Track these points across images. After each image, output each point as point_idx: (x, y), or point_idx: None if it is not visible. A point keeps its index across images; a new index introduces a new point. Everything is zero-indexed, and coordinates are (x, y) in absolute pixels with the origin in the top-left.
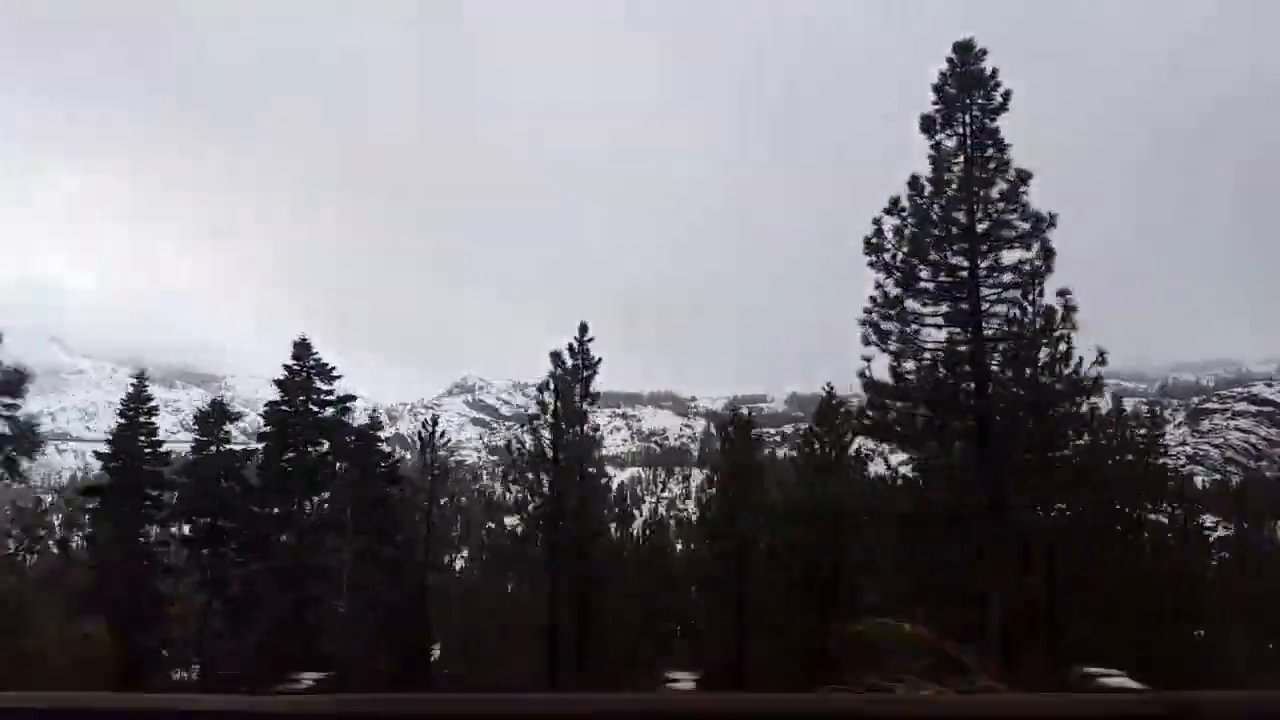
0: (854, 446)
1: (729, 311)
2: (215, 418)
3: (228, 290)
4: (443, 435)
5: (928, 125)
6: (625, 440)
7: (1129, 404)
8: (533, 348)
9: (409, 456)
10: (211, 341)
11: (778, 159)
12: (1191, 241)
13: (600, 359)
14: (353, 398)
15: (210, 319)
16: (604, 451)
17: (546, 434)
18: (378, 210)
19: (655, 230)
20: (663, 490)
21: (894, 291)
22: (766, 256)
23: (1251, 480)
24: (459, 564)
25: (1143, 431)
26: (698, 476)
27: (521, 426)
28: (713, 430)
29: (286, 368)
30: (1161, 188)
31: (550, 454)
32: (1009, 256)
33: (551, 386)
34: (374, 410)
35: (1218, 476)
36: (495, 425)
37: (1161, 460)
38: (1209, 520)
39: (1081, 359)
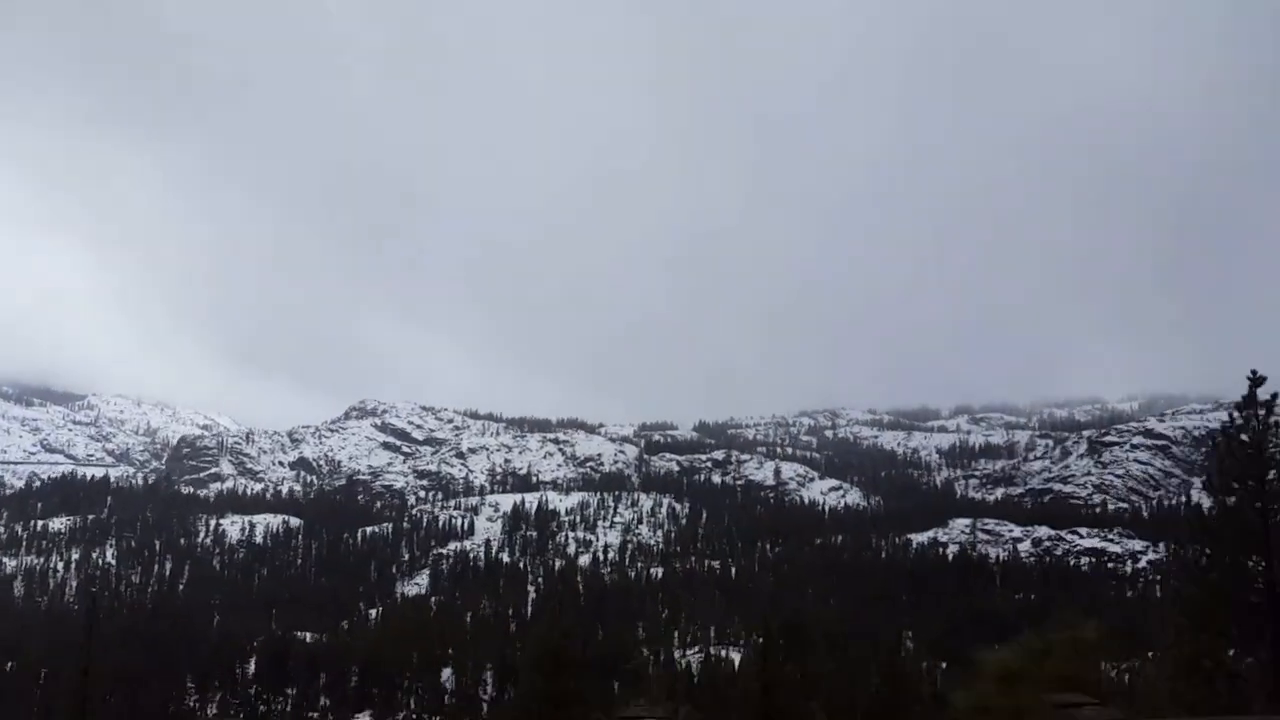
0: None
1: (628, 337)
2: None
3: (107, 304)
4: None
5: None
6: (560, 465)
7: (1020, 436)
8: (432, 370)
9: (317, 483)
10: (79, 358)
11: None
12: (1046, 281)
13: None
14: None
15: (82, 334)
16: (541, 477)
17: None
18: (275, 222)
19: (555, 256)
20: (614, 516)
21: None
22: (668, 283)
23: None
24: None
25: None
26: (646, 502)
27: (434, 451)
28: (646, 456)
29: None
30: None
31: None
32: None
33: None
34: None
35: (1123, 505)
36: (408, 449)
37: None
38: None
39: None
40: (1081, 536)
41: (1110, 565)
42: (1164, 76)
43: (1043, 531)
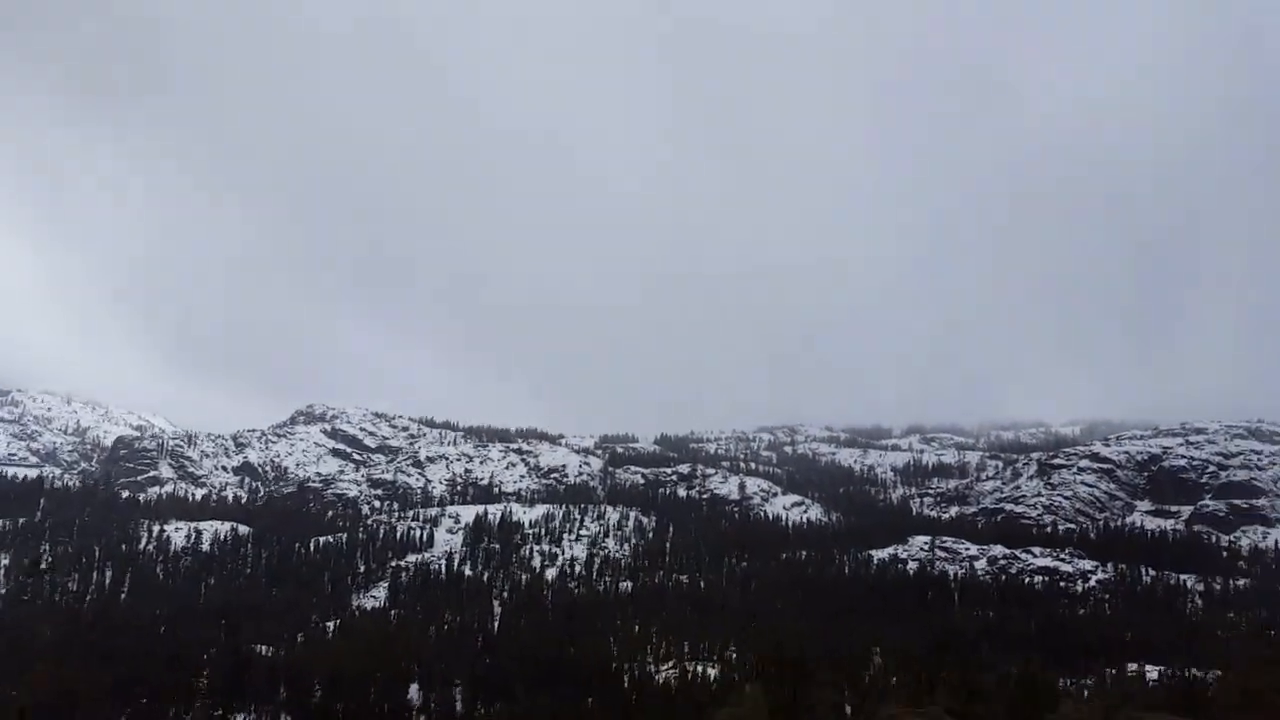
0: None
1: (587, 347)
2: None
3: (40, 297)
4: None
5: None
6: (523, 476)
7: (971, 457)
8: (383, 376)
9: (262, 489)
10: (4, 353)
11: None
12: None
13: None
14: None
15: (9, 327)
16: (504, 488)
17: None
18: (228, 220)
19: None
20: (580, 529)
21: None
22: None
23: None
24: None
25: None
26: (613, 515)
27: (389, 459)
28: (611, 469)
29: None
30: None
31: None
32: None
33: None
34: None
35: (1071, 526)
36: (360, 457)
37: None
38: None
39: None
40: (1035, 555)
41: (1062, 584)
42: (1122, 114)
43: (998, 550)
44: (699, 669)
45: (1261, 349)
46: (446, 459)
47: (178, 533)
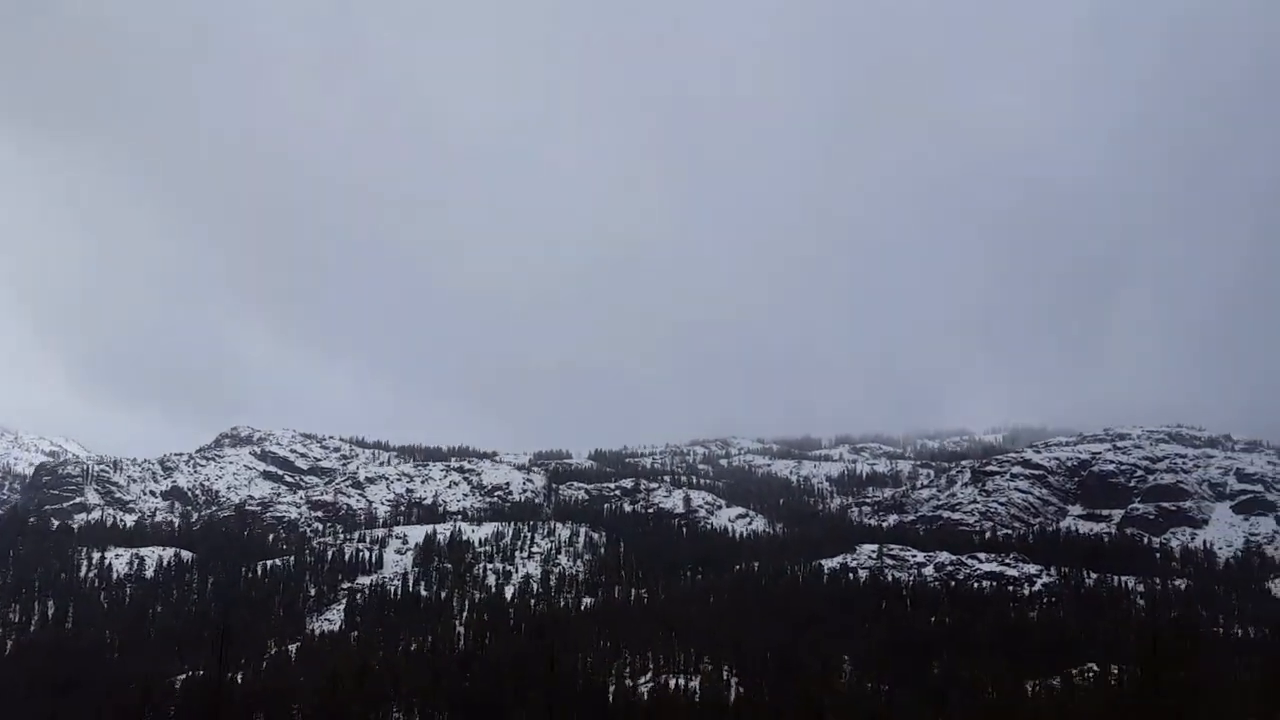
0: None
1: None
2: None
3: None
4: None
5: None
6: (467, 495)
7: (903, 466)
8: (302, 396)
9: (195, 514)
10: None
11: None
12: (918, 319)
13: None
14: None
15: None
16: (448, 507)
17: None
18: (146, 237)
19: (434, 276)
20: (532, 546)
21: None
22: (551, 310)
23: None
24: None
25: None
26: (563, 531)
27: (326, 481)
28: (554, 485)
29: None
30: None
31: None
32: None
33: None
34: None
35: (1007, 531)
36: (292, 479)
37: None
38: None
39: None
40: (980, 561)
41: (1010, 588)
42: (1053, 123)
43: (944, 556)
44: (680, 682)
45: (1180, 355)
46: (387, 479)
47: (118, 559)
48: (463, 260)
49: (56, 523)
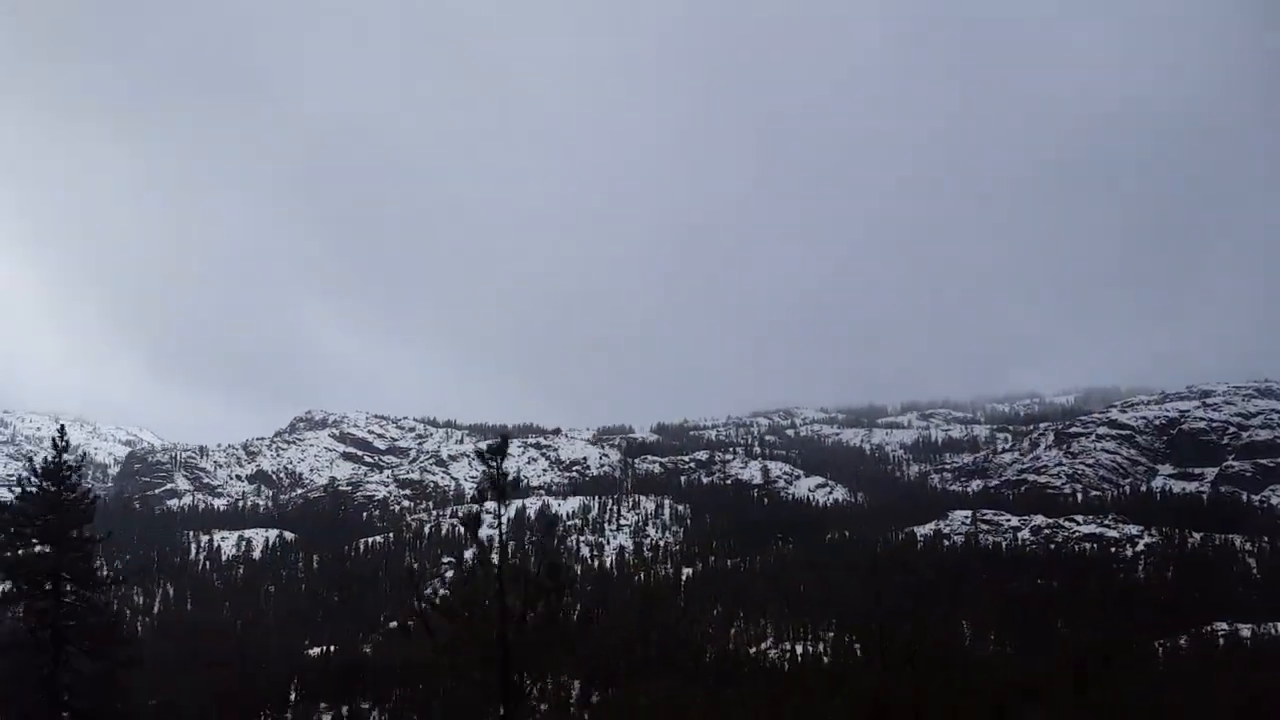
0: None
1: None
2: None
3: (20, 311)
4: None
5: None
6: (546, 470)
7: (979, 431)
8: (369, 378)
9: (281, 496)
10: None
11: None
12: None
13: None
14: None
15: (1, 347)
16: (530, 483)
17: None
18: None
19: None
20: (619, 519)
21: None
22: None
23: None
24: None
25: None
26: (647, 504)
27: (405, 460)
28: (629, 459)
29: None
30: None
31: None
32: None
33: None
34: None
35: (1096, 493)
36: (371, 459)
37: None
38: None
39: None
40: (1078, 524)
41: (1113, 549)
42: (1139, 74)
43: (1039, 520)
44: (806, 649)
45: (1267, 310)
46: (467, 456)
47: (225, 541)
48: (526, 240)
49: (157, 509)
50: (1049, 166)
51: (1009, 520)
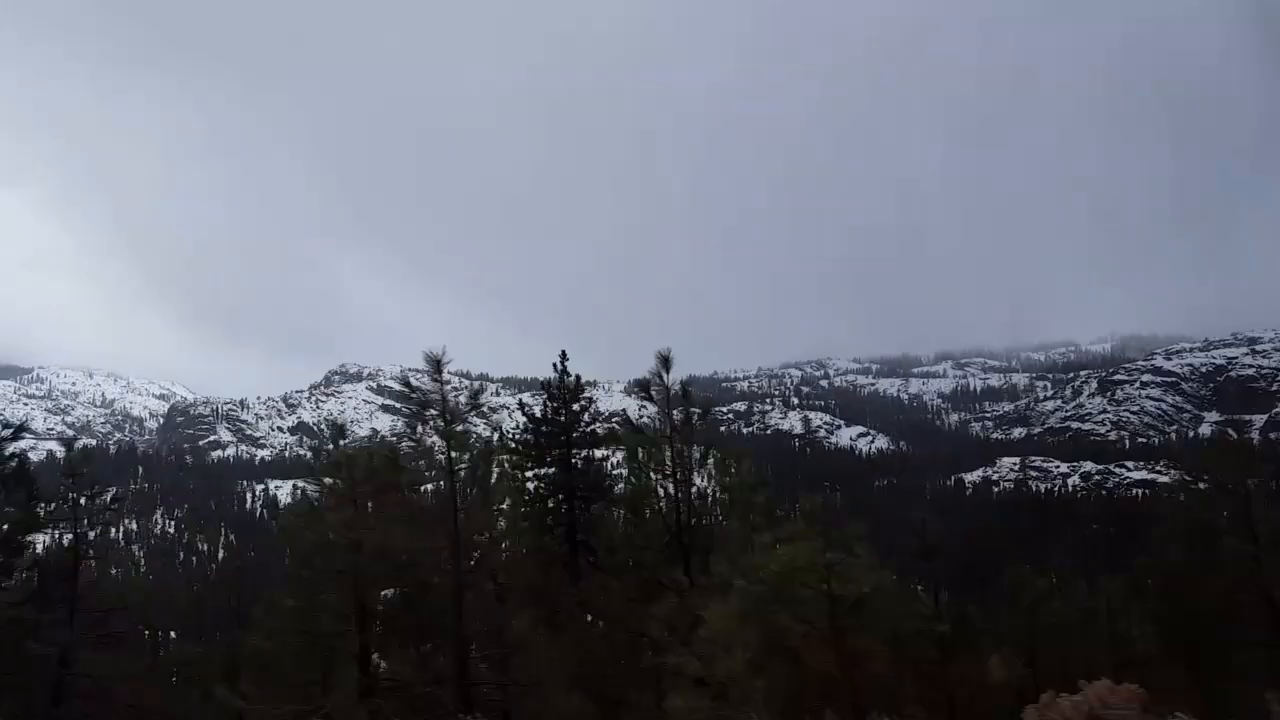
0: None
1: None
2: None
3: (52, 269)
4: None
5: None
6: (587, 421)
7: (1018, 379)
8: (406, 331)
9: (323, 447)
10: (20, 329)
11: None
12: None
13: None
14: None
15: (35, 301)
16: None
17: None
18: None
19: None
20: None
21: None
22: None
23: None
24: None
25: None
26: (692, 454)
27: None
28: (673, 412)
29: None
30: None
31: None
32: None
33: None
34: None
35: (1142, 440)
36: (409, 411)
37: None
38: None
39: None
40: (1128, 470)
41: (1167, 496)
42: (1171, 8)
43: (1089, 466)
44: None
45: None
46: (508, 408)
47: (280, 491)
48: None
49: (206, 459)
50: (1097, 103)
51: (1058, 467)
